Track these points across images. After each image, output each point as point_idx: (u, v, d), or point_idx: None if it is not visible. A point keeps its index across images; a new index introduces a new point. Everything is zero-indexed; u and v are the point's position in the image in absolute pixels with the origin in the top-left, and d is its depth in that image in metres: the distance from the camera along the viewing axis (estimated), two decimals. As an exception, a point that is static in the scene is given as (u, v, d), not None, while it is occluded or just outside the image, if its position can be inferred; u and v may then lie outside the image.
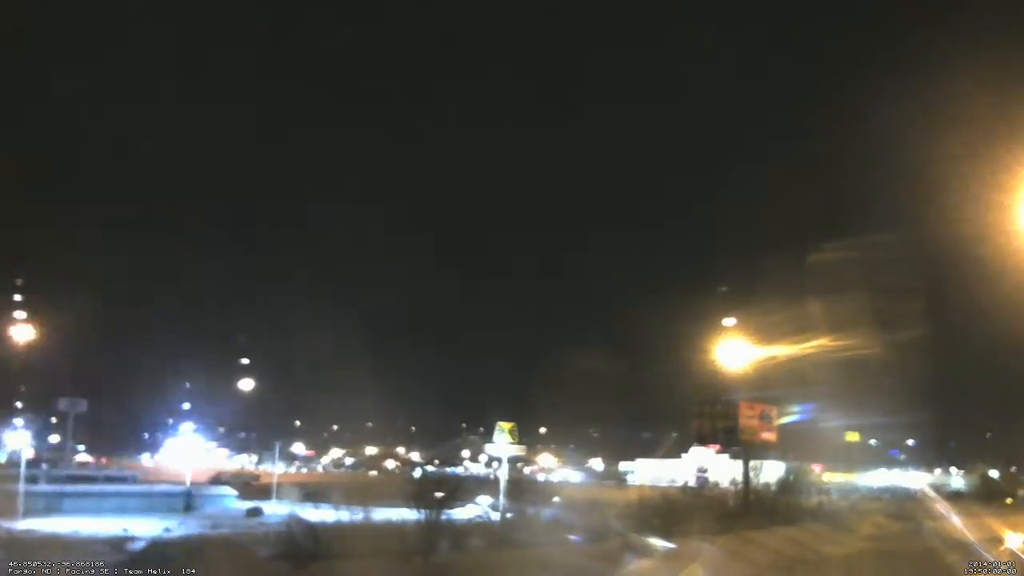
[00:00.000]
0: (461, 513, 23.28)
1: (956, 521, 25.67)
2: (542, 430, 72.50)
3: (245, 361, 62.35)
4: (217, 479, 52.50)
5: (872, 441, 60.60)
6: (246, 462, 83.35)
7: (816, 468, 42.69)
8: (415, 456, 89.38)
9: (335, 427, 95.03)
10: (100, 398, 55.21)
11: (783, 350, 27.34)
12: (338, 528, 18.49)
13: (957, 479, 71.64)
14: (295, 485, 47.05)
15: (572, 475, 72.82)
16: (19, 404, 48.19)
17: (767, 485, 28.44)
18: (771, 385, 28.62)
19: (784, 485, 28.70)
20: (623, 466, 79.69)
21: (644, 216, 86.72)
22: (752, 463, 28.64)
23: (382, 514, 20.52)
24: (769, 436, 29.95)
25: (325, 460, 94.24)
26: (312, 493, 40.26)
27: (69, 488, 36.31)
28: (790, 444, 32.52)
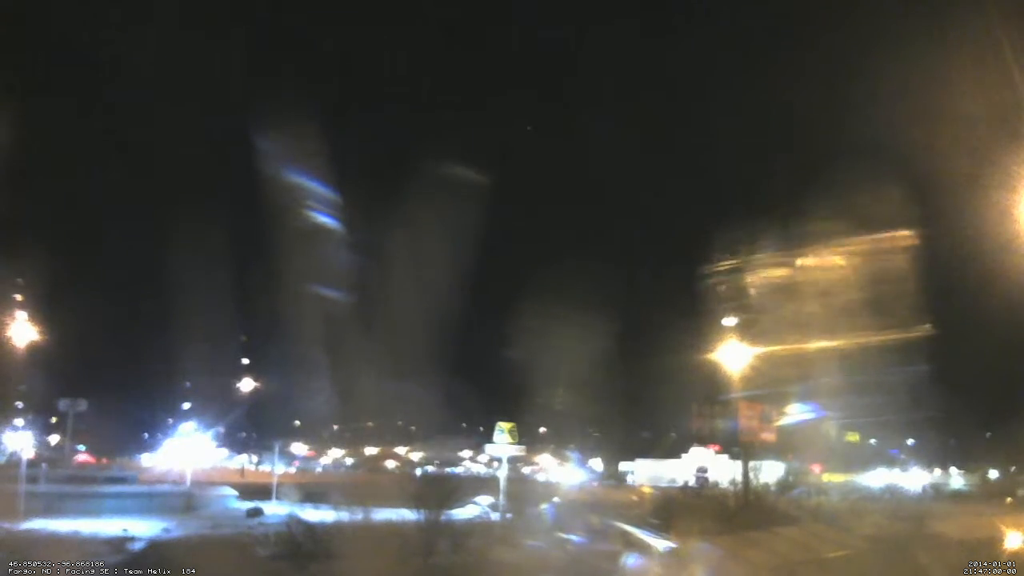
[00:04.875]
0: (461, 513, 23.28)
1: (956, 521, 25.71)
2: (542, 430, 72.24)
3: (245, 361, 62.21)
4: None
5: (872, 441, 60.51)
6: (246, 462, 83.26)
7: (815, 468, 42.70)
8: (415, 456, 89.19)
9: (335, 427, 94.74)
10: (100, 398, 55.06)
11: (783, 349, 27.32)
12: (338, 528, 18.51)
13: (957, 479, 71.72)
14: (295, 485, 46.99)
15: (572, 475, 72.71)
16: (19, 404, 48.13)
17: (767, 485, 28.47)
18: (771, 385, 28.61)
19: (784, 485, 28.74)
20: (623, 466, 79.65)
21: (644, 213, 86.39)
22: (752, 463, 28.65)
23: (382, 514, 20.52)
24: (769, 436, 29.99)
25: (325, 460, 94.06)
26: (312, 493, 40.24)
27: (69, 488, 36.11)
28: (789, 444, 32.54)
